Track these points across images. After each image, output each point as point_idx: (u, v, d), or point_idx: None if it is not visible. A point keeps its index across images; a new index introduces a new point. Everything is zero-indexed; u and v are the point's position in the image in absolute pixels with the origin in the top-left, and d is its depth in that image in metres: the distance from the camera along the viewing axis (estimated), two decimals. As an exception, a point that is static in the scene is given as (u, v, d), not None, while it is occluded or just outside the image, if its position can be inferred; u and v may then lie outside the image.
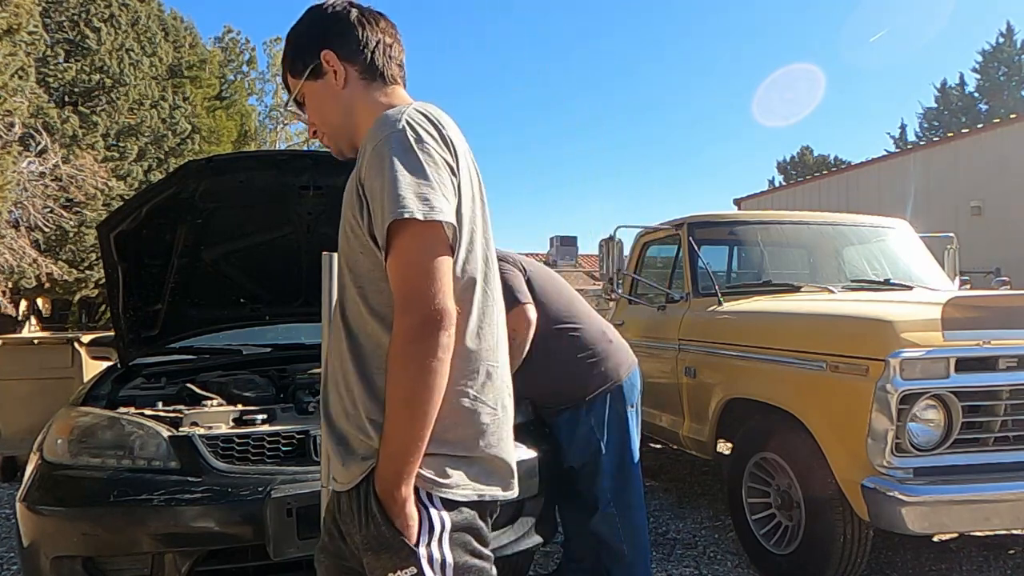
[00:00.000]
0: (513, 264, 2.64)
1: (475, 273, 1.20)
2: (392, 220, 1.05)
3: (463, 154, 1.19)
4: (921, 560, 3.33)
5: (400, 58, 1.36)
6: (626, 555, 2.62)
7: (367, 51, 1.31)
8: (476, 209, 1.21)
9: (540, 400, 2.66)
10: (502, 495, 1.20)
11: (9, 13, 12.01)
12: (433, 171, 1.10)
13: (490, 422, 1.19)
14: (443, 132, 1.16)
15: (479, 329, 1.22)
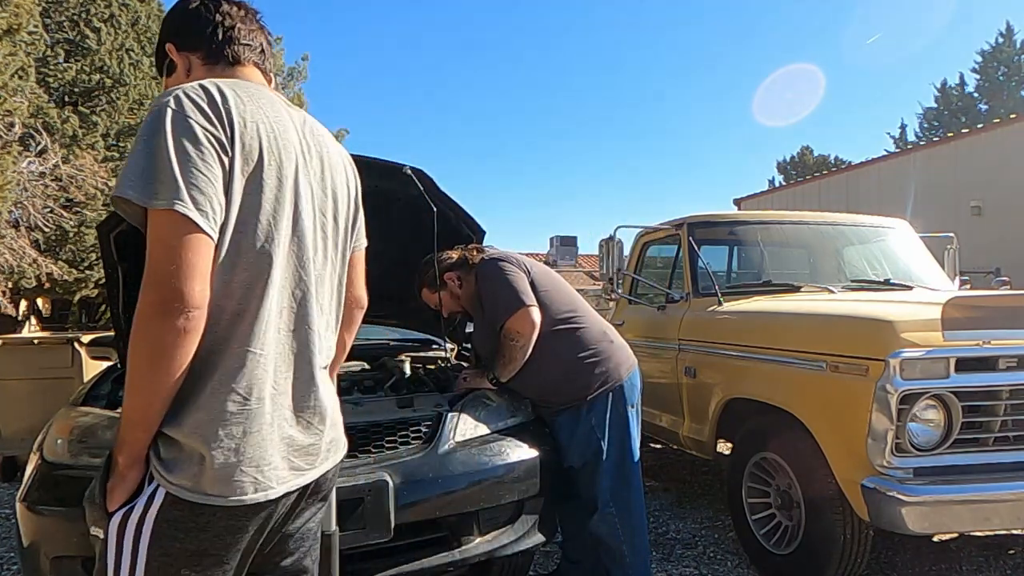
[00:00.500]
0: (517, 265, 2.63)
1: (254, 255, 1.15)
2: (114, 196, 1.10)
3: (256, 132, 1.16)
4: (921, 560, 3.33)
5: (250, 39, 1.38)
6: (625, 555, 2.62)
7: (206, 37, 1.34)
8: (276, 189, 1.18)
9: (541, 400, 2.66)
10: (234, 500, 1.11)
11: (9, 13, 12.00)
12: (184, 152, 1.07)
13: (236, 411, 1.12)
14: (222, 106, 1.13)
15: (251, 316, 1.14)
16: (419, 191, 2.68)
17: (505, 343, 2.55)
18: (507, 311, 2.52)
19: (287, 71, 26.88)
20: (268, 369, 1.16)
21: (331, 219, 1.36)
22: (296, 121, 1.29)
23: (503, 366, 2.57)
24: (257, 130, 1.16)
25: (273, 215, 1.17)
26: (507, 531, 2.36)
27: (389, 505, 2.07)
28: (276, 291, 1.18)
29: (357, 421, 2.30)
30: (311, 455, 1.25)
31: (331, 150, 1.38)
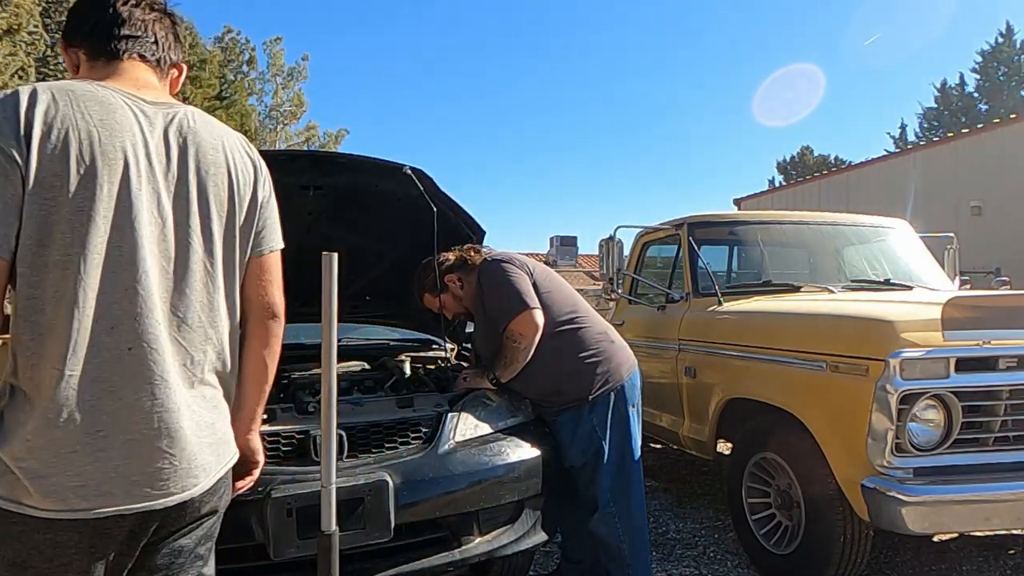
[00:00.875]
0: (519, 267, 2.63)
1: (59, 271, 1.11)
2: None
3: (62, 139, 1.12)
4: (921, 560, 3.33)
5: (138, 30, 1.33)
6: (625, 555, 2.62)
7: (87, 31, 1.32)
8: (86, 199, 1.12)
9: (541, 400, 2.66)
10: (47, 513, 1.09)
11: (9, 13, 12.01)
12: None
13: (50, 430, 1.10)
14: (23, 115, 1.10)
15: (62, 333, 1.11)
16: (419, 191, 2.68)
17: (507, 344, 2.55)
18: (510, 313, 2.52)
19: (287, 71, 26.92)
20: (87, 389, 1.12)
21: (197, 225, 1.27)
22: (146, 124, 1.22)
23: (504, 367, 2.57)
24: (66, 136, 1.12)
25: (79, 226, 1.12)
26: (507, 531, 2.36)
27: (389, 505, 2.07)
28: (91, 308, 1.12)
29: (357, 421, 2.30)
30: (159, 479, 1.17)
31: (206, 151, 1.29)
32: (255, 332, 1.42)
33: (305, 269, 2.99)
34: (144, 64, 1.34)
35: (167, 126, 1.26)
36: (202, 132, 1.31)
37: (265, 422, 2.26)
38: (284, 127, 27.06)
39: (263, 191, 1.43)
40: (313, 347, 3.08)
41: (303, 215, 2.92)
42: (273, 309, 1.44)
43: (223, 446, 1.33)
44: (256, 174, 1.42)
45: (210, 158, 1.31)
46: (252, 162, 1.43)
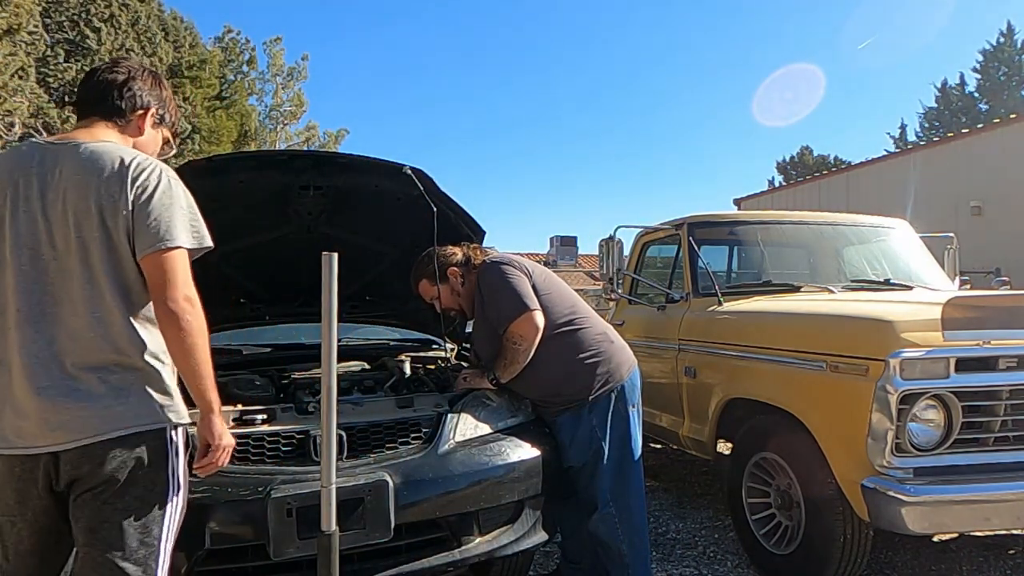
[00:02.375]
0: (519, 268, 2.64)
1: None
2: None
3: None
4: (921, 560, 3.33)
5: (87, 92, 1.78)
6: (625, 555, 2.62)
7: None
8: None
9: (542, 400, 2.66)
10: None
11: (9, 13, 12.01)
12: None
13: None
14: None
15: None
16: (419, 191, 2.68)
17: (508, 346, 2.55)
18: (511, 315, 2.53)
19: (287, 71, 26.92)
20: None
21: (60, 239, 1.54)
22: (33, 161, 1.58)
23: (504, 368, 2.57)
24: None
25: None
26: (507, 531, 2.36)
27: (389, 505, 2.07)
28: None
29: (357, 421, 2.30)
30: (23, 432, 1.51)
31: (66, 175, 1.57)
32: (164, 334, 1.60)
33: (305, 269, 3.01)
34: (93, 118, 1.78)
35: (42, 161, 1.60)
36: (64, 160, 1.60)
37: (265, 422, 2.27)
38: (284, 127, 27.06)
39: (126, 198, 1.58)
40: (313, 347, 3.08)
41: (303, 215, 2.92)
42: (167, 309, 1.57)
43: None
44: (116, 185, 1.58)
45: (72, 180, 1.58)
46: (113, 176, 1.59)
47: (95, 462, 1.52)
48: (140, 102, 1.76)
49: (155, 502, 1.59)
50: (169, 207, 1.59)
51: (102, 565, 1.54)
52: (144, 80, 1.79)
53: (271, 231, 3.01)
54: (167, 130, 1.88)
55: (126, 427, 1.55)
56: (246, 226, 2.99)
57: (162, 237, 1.57)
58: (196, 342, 1.58)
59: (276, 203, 2.86)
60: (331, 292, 1.84)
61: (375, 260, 3.27)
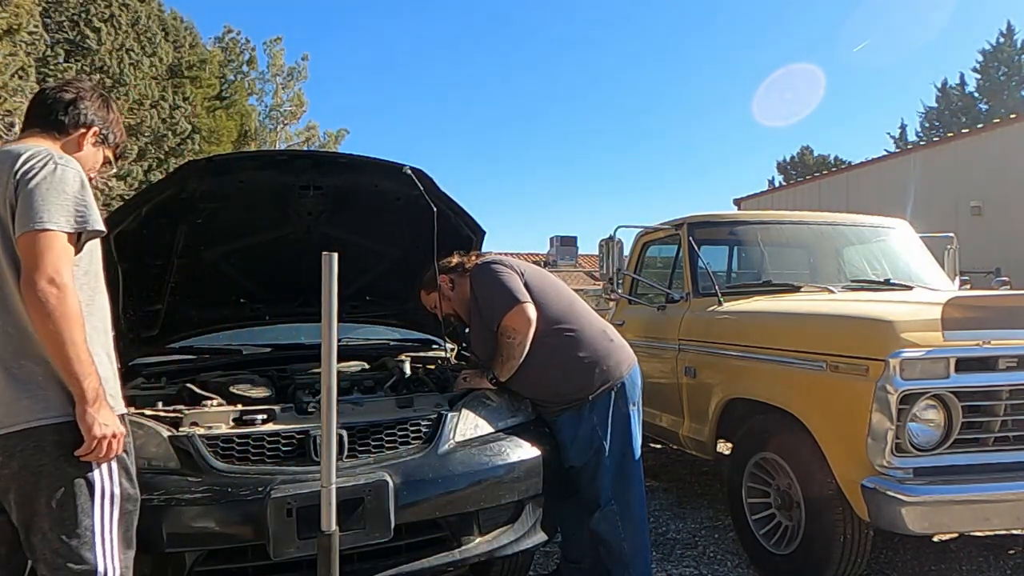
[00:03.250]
0: (509, 267, 2.65)
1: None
2: None
3: None
4: (921, 560, 3.33)
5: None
6: (626, 554, 2.62)
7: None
8: None
9: (541, 399, 2.66)
10: None
11: (9, 13, 12.01)
12: None
13: None
14: None
15: None
16: (419, 191, 2.68)
17: (502, 342, 2.55)
18: (502, 309, 2.54)
19: (287, 71, 26.93)
20: None
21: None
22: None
23: (501, 364, 2.57)
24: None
25: None
26: (507, 531, 2.36)
27: (389, 505, 2.07)
28: None
29: (357, 421, 2.30)
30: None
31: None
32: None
33: (305, 269, 3.01)
34: (30, 129, 1.82)
35: None
36: None
37: (265, 422, 2.27)
38: (284, 127, 27.08)
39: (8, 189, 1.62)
40: (313, 347, 3.08)
41: (303, 215, 2.92)
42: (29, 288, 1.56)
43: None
44: (8, 176, 1.62)
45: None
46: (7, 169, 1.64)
47: (6, 454, 1.57)
48: (84, 120, 1.84)
49: (79, 493, 1.61)
50: (47, 191, 1.59)
51: (43, 555, 1.59)
52: (92, 101, 1.87)
53: (271, 231, 3.01)
54: (109, 150, 1.95)
55: (33, 419, 1.57)
56: (246, 226, 2.99)
57: (32, 218, 1.56)
58: (60, 326, 1.54)
59: (276, 203, 2.86)
60: (331, 292, 1.84)
61: (375, 260, 3.27)
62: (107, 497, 1.65)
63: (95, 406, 1.60)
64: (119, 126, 1.96)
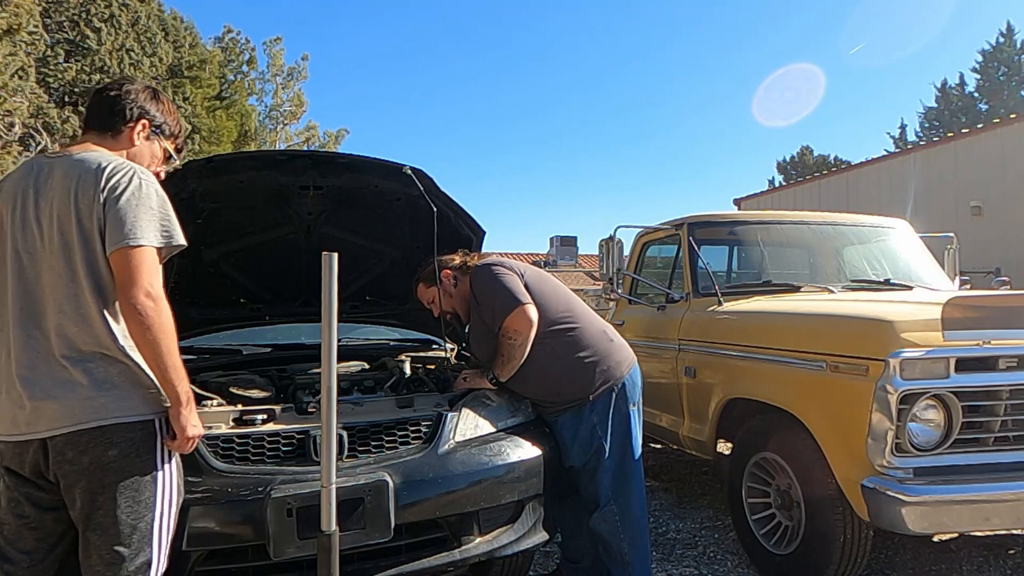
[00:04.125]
0: (510, 269, 2.65)
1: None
2: None
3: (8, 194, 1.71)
4: (921, 560, 3.33)
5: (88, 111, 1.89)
6: (626, 553, 2.62)
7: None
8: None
9: (542, 400, 2.66)
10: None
11: (9, 13, 12.01)
12: None
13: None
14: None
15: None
16: (419, 191, 2.68)
17: (503, 342, 2.56)
18: (504, 311, 2.54)
19: (287, 71, 26.93)
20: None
21: (47, 241, 1.65)
22: (33, 173, 1.71)
23: (502, 365, 2.57)
24: (12, 195, 1.71)
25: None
26: (507, 531, 2.36)
27: (389, 505, 2.07)
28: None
29: (357, 421, 2.30)
30: (17, 420, 1.61)
31: (54, 182, 1.68)
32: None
33: (305, 269, 3.01)
34: (88, 133, 1.86)
35: (37, 176, 1.72)
36: (52, 174, 1.71)
37: (265, 422, 2.27)
38: (284, 127, 27.08)
39: (95, 202, 1.67)
40: (313, 347, 3.08)
41: (303, 215, 2.92)
42: (127, 305, 1.64)
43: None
44: (89, 191, 1.67)
45: (55, 191, 1.69)
46: (89, 183, 1.68)
47: (78, 449, 1.61)
48: (131, 114, 1.86)
49: (145, 489, 1.67)
50: (137, 207, 1.66)
51: (100, 549, 1.63)
52: (138, 94, 1.88)
53: (271, 231, 3.01)
54: (168, 141, 1.95)
55: (109, 417, 1.63)
56: (246, 226, 2.99)
57: (126, 235, 1.64)
58: (158, 337, 1.63)
59: (276, 203, 2.86)
60: (331, 292, 1.84)
61: (375, 260, 3.27)
62: (168, 495, 1.72)
63: (188, 408, 1.71)
64: (172, 116, 1.96)
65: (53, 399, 1.61)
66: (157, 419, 1.70)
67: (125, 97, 1.85)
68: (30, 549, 1.68)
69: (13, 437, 1.63)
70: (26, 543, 1.68)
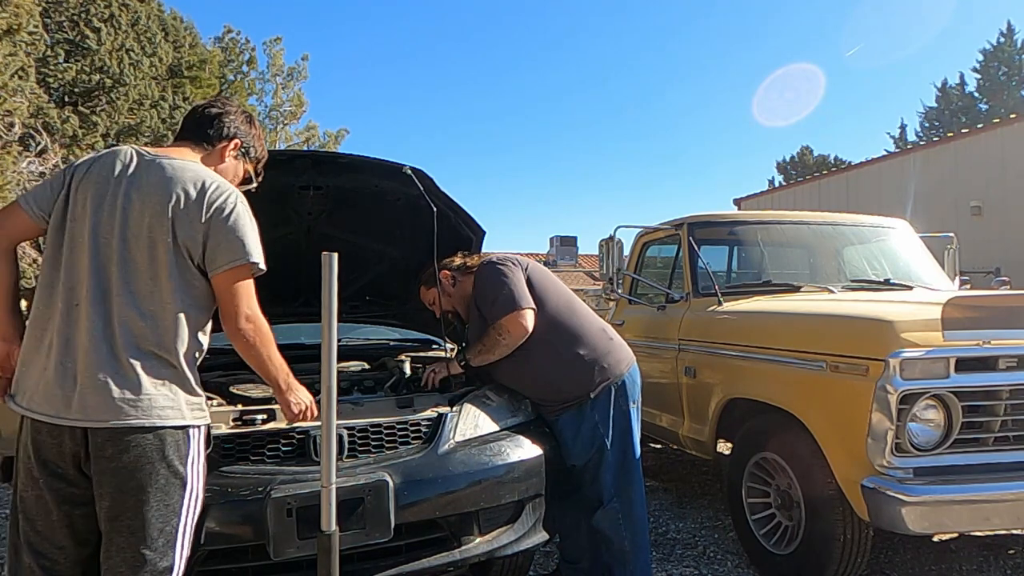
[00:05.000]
0: (514, 265, 2.66)
1: (46, 267, 1.73)
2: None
3: (81, 181, 1.74)
4: (921, 560, 3.33)
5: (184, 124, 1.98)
6: (628, 551, 2.63)
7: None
8: (66, 221, 1.73)
9: (542, 399, 2.66)
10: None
11: (9, 13, 12.01)
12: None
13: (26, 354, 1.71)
14: (69, 169, 1.79)
15: (42, 301, 1.71)
16: (419, 191, 2.68)
17: (491, 334, 2.57)
18: (504, 310, 2.55)
19: (287, 71, 26.92)
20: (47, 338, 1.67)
21: (133, 236, 1.70)
22: (128, 164, 1.76)
23: (479, 353, 2.59)
24: (87, 181, 1.74)
25: (56, 241, 1.71)
26: (507, 531, 2.36)
27: (389, 505, 2.07)
28: (47, 287, 1.72)
29: (357, 421, 2.30)
30: (64, 402, 1.62)
31: (151, 181, 1.74)
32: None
33: (305, 269, 3.01)
34: (183, 141, 1.96)
35: (125, 173, 1.77)
36: (142, 174, 1.77)
37: (265, 422, 2.26)
38: (284, 127, 27.07)
39: (199, 213, 1.75)
40: (313, 347, 3.08)
41: (303, 215, 2.92)
42: (231, 328, 1.81)
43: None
44: (193, 200, 1.75)
45: (148, 192, 1.75)
46: (190, 192, 1.76)
47: (118, 447, 1.63)
48: (227, 132, 1.97)
49: (175, 494, 1.69)
50: (245, 227, 1.79)
51: (124, 550, 1.64)
52: (236, 115, 2.01)
53: (271, 231, 2.98)
54: (250, 164, 2.09)
55: (154, 418, 1.65)
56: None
57: (238, 256, 1.77)
58: (260, 352, 1.82)
59: (276, 203, 2.86)
60: (331, 292, 1.84)
61: (375, 260, 3.27)
62: (194, 499, 1.75)
63: (289, 392, 1.90)
64: (260, 142, 2.09)
65: (103, 390, 1.62)
66: (196, 429, 1.75)
67: (226, 116, 1.97)
68: (64, 545, 1.69)
69: (51, 419, 1.63)
70: (59, 539, 1.69)
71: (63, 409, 1.62)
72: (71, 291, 1.68)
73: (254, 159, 2.08)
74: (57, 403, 1.62)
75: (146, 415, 1.64)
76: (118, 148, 1.82)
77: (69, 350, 1.64)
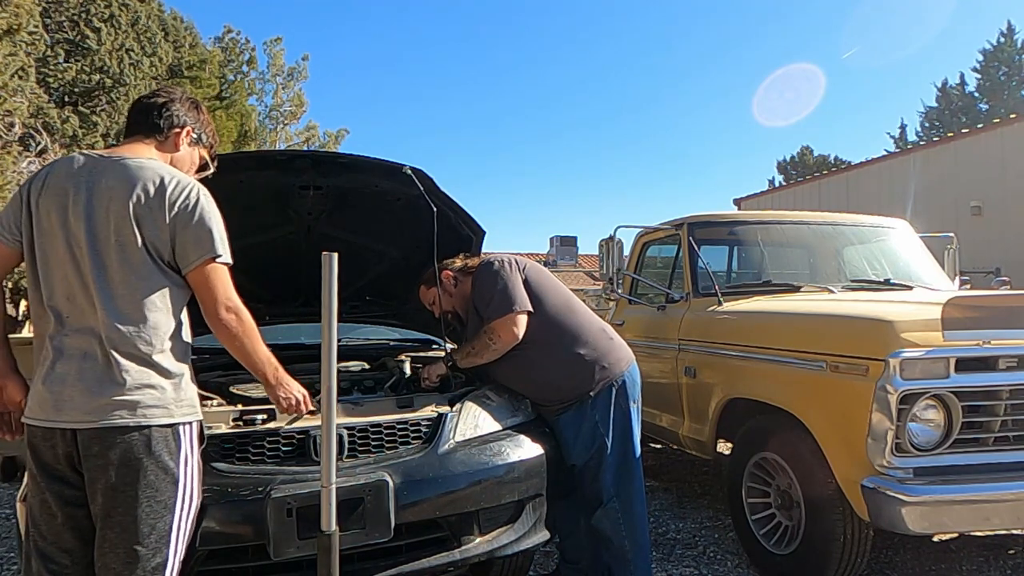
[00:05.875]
0: (512, 266, 2.66)
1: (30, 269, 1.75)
2: None
3: (40, 195, 1.73)
4: (921, 560, 3.33)
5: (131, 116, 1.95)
6: (628, 551, 2.63)
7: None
8: (46, 222, 1.72)
9: (542, 399, 2.66)
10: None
11: (9, 13, 12.02)
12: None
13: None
14: (24, 187, 1.78)
15: (36, 305, 1.75)
16: (419, 191, 2.68)
17: (482, 337, 2.57)
18: (497, 312, 2.55)
19: (287, 71, 26.91)
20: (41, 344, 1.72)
21: (102, 242, 1.69)
22: (84, 170, 1.74)
23: (468, 355, 2.60)
24: (46, 195, 1.73)
25: (31, 260, 1.75)
26: (507, 531, 2.36)
27: (389, 505, 2.07)
28: (37, 305, 1.74)
29: (357, 421, 2.30)
30: (52, 405, 1.66)
31: (110, 184, 1.72)
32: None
33: (305, 269, 3.00)
34: (134, 135, 1.92)
35: (86, 174, 1.75)
36: (102, 175, 1.75)
37: (265, 422, 2.26)
38: (284, 127, 27.05)
39: (164, 211, 1.74)
40: (313, 347, 3.08)
41: (303, 215, 2.92)
42: (212, 320, 1.78)
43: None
44: (154, 198, 1.74)
45: (109, 192, 1.73)
46: (152, 189, 1.75)
47: (104, 444, 1.64)
48: (177, 121, 1.94)
49: (166, 491, 1.70)
50: (210, 219, 1.76)
51: (117, 547, 1.65)
52: (182, 104, 1.98)
53: (271, 231, 3.00)
54: (204, 150, 2.05)
55: (139, 418, 1.66)
56: (246, 226, 2.97)
57: (207, 249, 1.74)
58: (244, 342, 1.81)
59: (276, 203, 2.86)
60: (331, 292, 1.84)
61: (375, 260, 3.27)
62: (188, 498, 1.75)
63: (279, 386, 1.93)
64: (210, 127, 2.07)
65: (89, 392, 1.65)
66: (187, 426, 1.75)
67: (172, 104, 1.94)
68: (70, 547, 1.70)
69: (42, 423, 1.67)
70: (65, 542, 1.70)
71: (53, 413, 1.65)
72: (55, 305, 1.71)
73: (207, 145, 2.06)
74: (48, 407, 1.66)
75: (131, 415, 1.66)
76: (69, 155, 1.83)
77: (60, 357, 1.69)
